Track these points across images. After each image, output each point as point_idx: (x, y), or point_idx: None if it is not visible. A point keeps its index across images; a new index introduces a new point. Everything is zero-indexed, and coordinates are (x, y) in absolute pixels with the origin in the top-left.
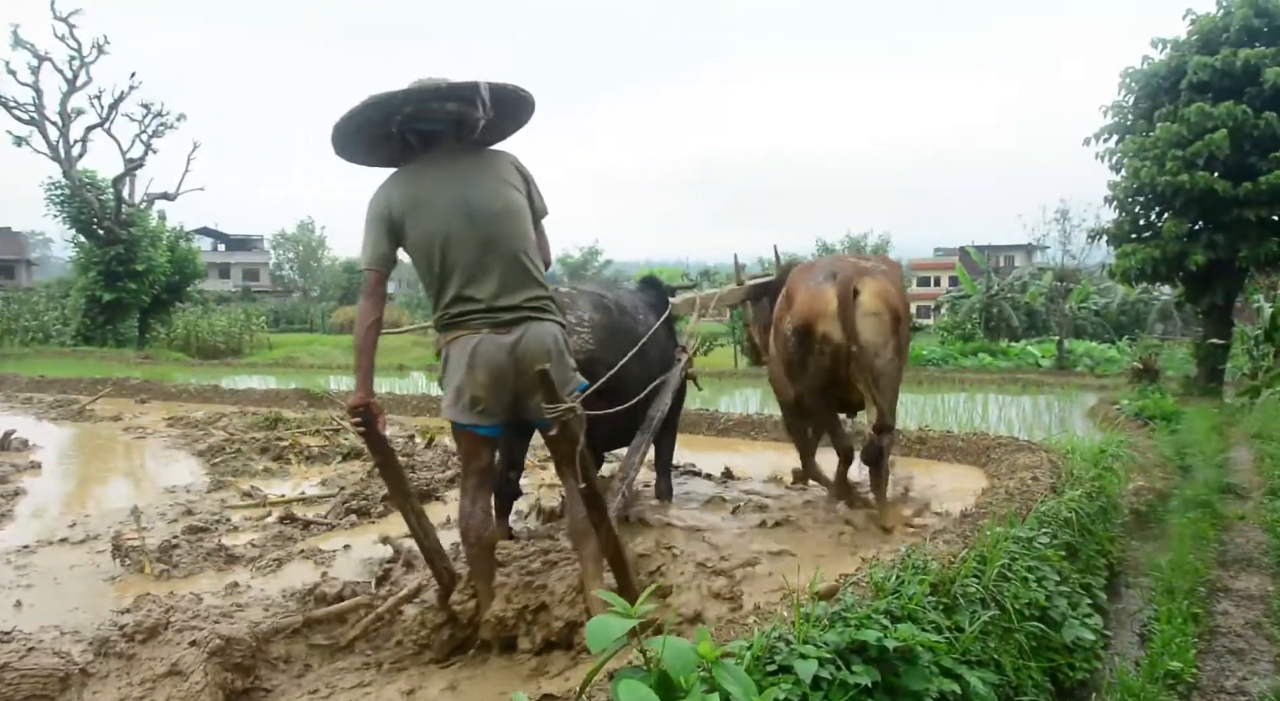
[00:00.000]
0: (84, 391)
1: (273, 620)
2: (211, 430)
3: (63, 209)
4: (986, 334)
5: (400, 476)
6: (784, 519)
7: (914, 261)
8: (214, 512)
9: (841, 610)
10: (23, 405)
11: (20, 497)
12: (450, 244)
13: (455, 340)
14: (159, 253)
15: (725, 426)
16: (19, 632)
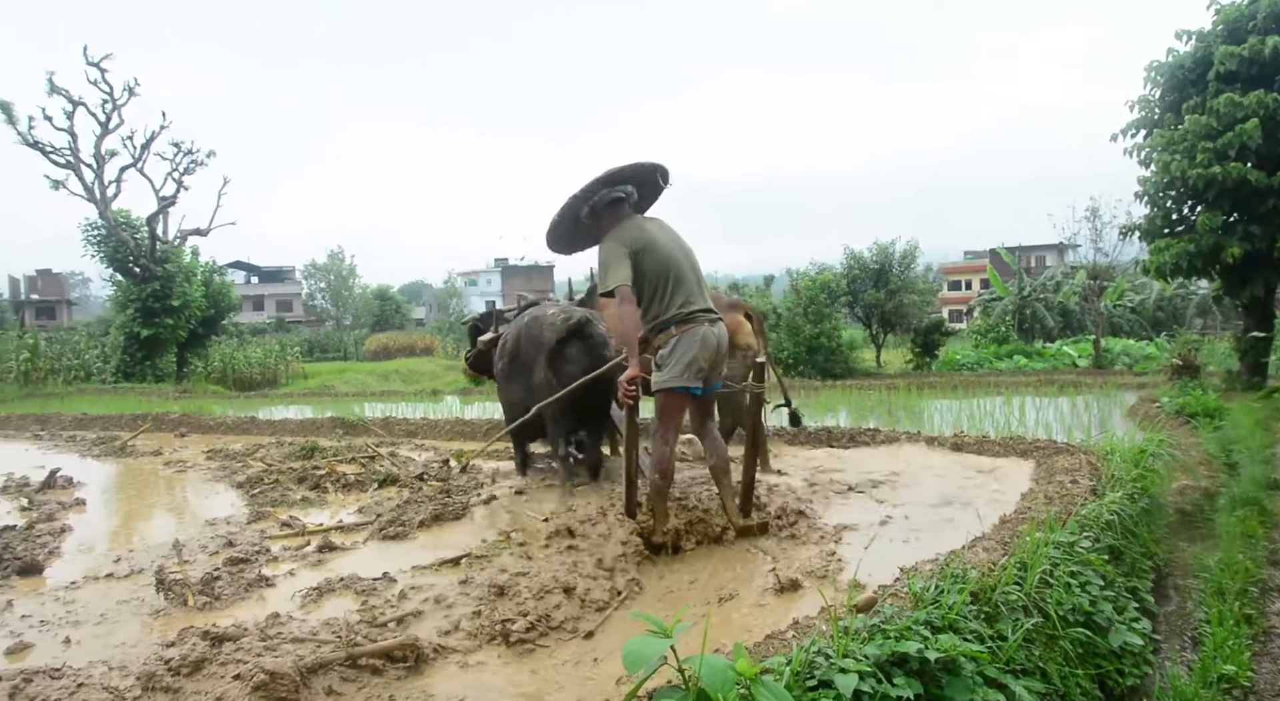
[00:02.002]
0: (125, 427)
1: (316, 654)
2: (250, 461)
3: (100, 249)
4: (1020, 335)
5: (636, 430)
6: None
7: (944, 265)
8: (254, 543)
9: (880, 622)
10: (67, 443)
11: (66, 534)
12: (677, 272)
13: (687, 330)
14: (194, 288)
15: None
16: (69, 668)
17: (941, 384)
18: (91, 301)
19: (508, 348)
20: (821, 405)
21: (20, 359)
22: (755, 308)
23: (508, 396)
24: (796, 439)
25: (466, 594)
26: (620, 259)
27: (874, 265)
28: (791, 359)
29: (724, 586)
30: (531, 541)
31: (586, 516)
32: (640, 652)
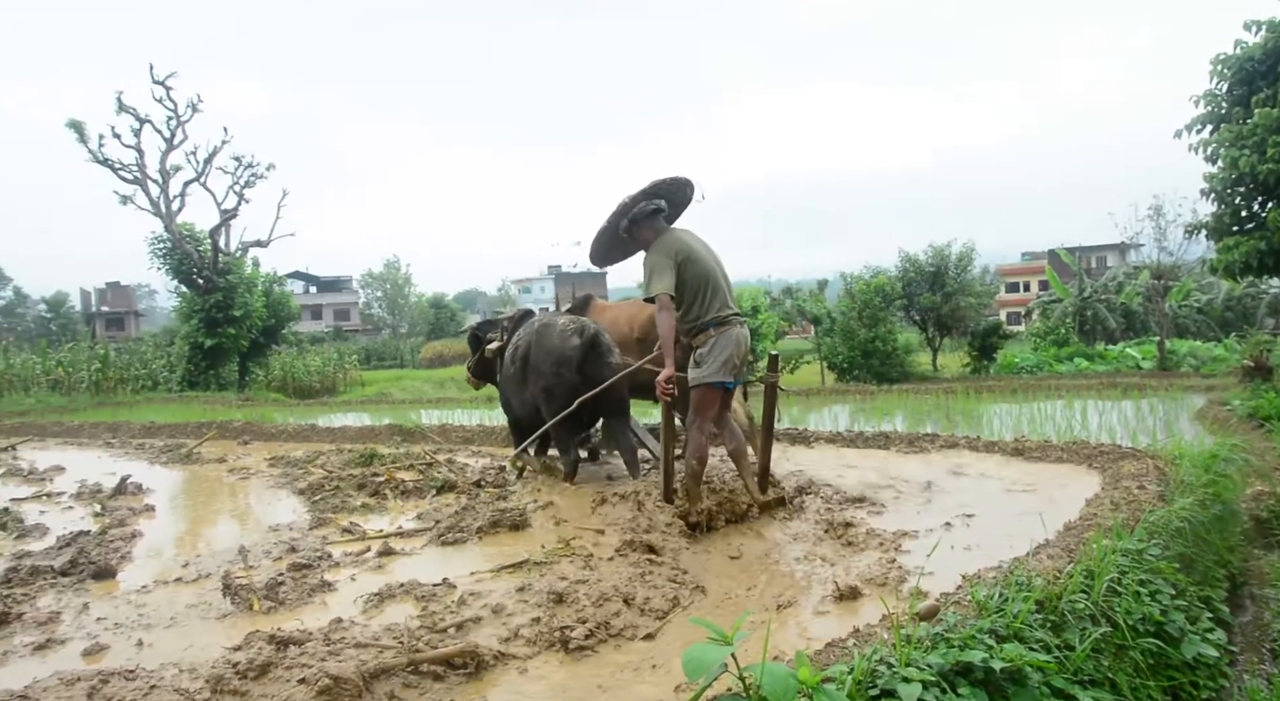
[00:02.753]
0: (191, 435)
1: (378, 659)
2: (310, 468)
3: (165, 261)
4: (1081, 337)
5: (673, 427)
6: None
7: (1002, 267)
8: (316, 549)
9: (944, 631)
10: (136, 451)
11: (137, 540)
12: (714, 280)
13: (724, 332)
14: (255, 298)
15: (817, 443)
16: (142, 670)
17: (1000, 387)
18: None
19: (519, 354)
20: (878, 410)
21: (92, 369)
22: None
23: (518, 399)
24: (853, 443)
25: (525, 600)
26: (667, 268)
27: (929, 268)
28: (846, 363)
29: (783, 593)
30: (590, 548)
31: (652, 524)
32: (701, 660)
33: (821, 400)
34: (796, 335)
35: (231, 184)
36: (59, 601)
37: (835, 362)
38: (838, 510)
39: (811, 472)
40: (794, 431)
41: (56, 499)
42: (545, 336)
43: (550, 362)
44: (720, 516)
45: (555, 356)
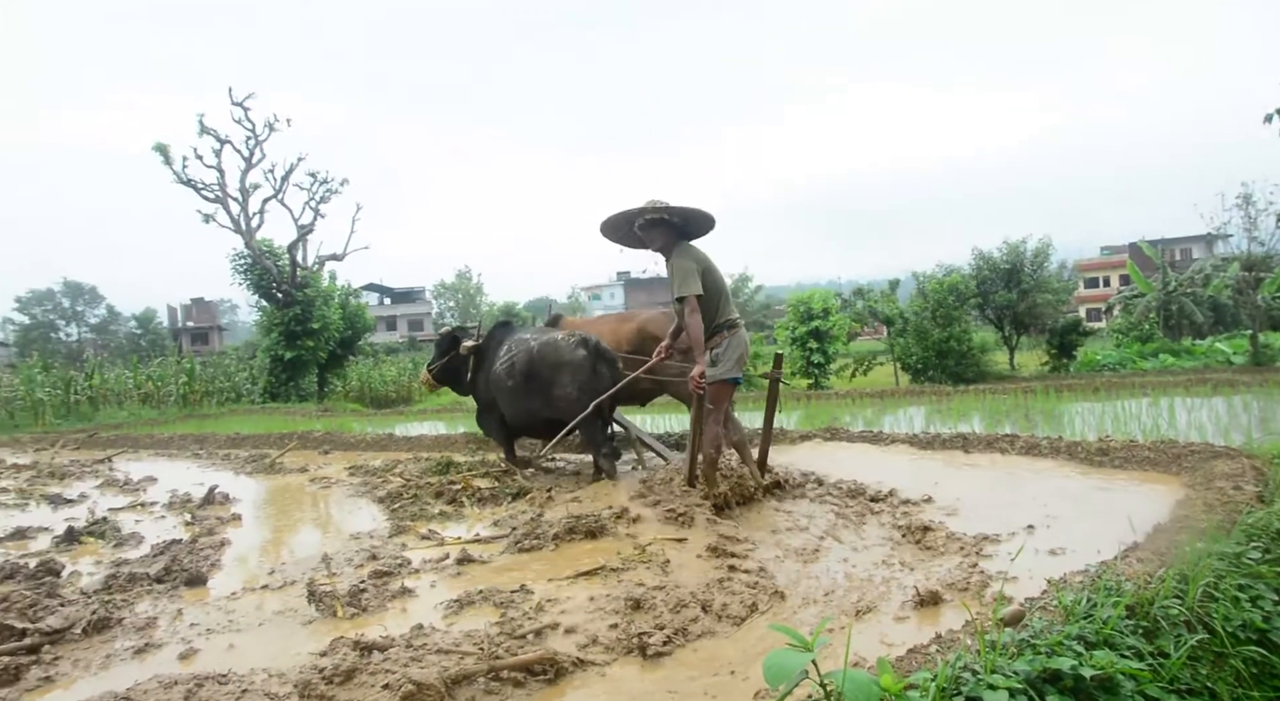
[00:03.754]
0: (273, 446)
1: (459, 665)
2: (389, 477)
3: (246, 277)
4: (1166, 333)
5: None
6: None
7: (1080, 262)
8: (396, 556)
9: (1029, 637)
10: (222, 461)
11: (225, 548)
12: (726, 289)
13: (735, 333)
14: (332, 310)
15: (892, 446)
16: (233, 674)
17: (1081, 386)
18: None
19: (519, 368)
20: (954, 411)
21: (179, 383)
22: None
23: (516, 408)
24: (930, 445)
25: (603, 607)
26: (694, 275)
27: (1004, 265)
28: (920, 364)
29: (862, 598)
30: (666, 554)
31: (730, 534)
32: (781, 666)
33: (896, 402)
34: (868, 336)
35: (308, 200)
36: (155, 607)
37: (909, 363)
38: (914, 514)
39: (886, 476)
40: (869, 433)
41: (150, 508)
42: (550, 350)
43: (565, 373)
44: (734, 496)
45: (568, 367)
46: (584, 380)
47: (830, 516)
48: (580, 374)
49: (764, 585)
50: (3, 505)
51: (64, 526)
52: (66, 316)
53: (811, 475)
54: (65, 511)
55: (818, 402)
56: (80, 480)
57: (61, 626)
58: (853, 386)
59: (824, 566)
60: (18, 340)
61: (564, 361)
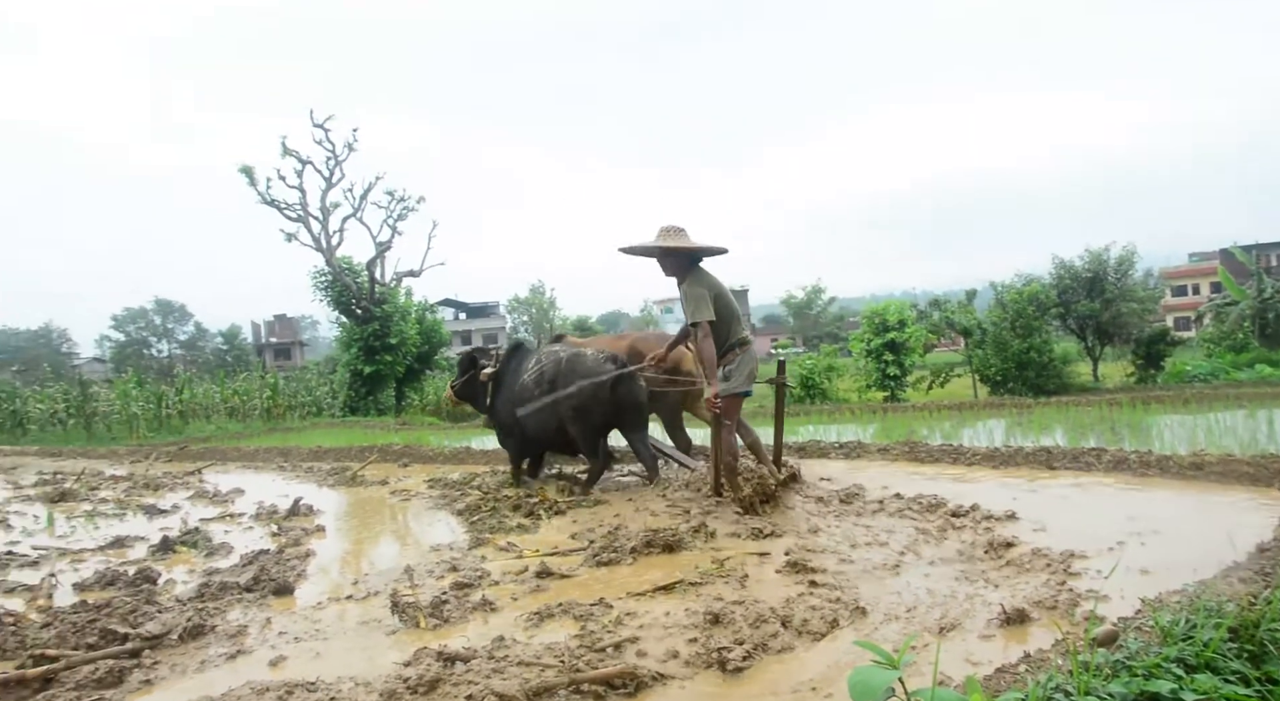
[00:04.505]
0: (354, 459)
1: (540, 678)
2: (467, 490)
3: (326, 293)
4: (1263, 341)
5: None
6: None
7: (1166, 270)
8: (476, 568)
9: (1125, 658)
10: (305, 474)
11: (311, 558)
12: (736, 311)
13: (746, 350)
14: (409, 326)
15: (972, 460)
16: (321, 682)
17: (1170, 397)
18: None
19: (548, 378)
20: (1035, 424)
21: (263, 397)
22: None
23: (541, 418)
24: (1012, 459)
25: (681, 621)
26: (706, 301)
27: (1086, 273)
28: (999, 375)
29: (945, 615)
30: (745, 569)
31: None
32: (867, 683)
33: (975, 414)
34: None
35: (385, 218)
36: (245, 615)
37: (987, 375)
38: (997, 529)
39: (967, 490)
40: (948, 447)
41: (238, 519)
42: (579, 363)
43: (590, 387)
44: (758, 496)
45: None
46: (609, 392)
47: (910, 531)
48: (602, 386)
49: (844, 600)
50: (103, 515)
51: (159, 536)
52: (158, 333)
53: (889, 489)
54: (159, 521)
55: (894, 415)
56: (173, 491)
57: (160, 632)
58: (929, 399)
59: (905, 582)
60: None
61: (592, 374)
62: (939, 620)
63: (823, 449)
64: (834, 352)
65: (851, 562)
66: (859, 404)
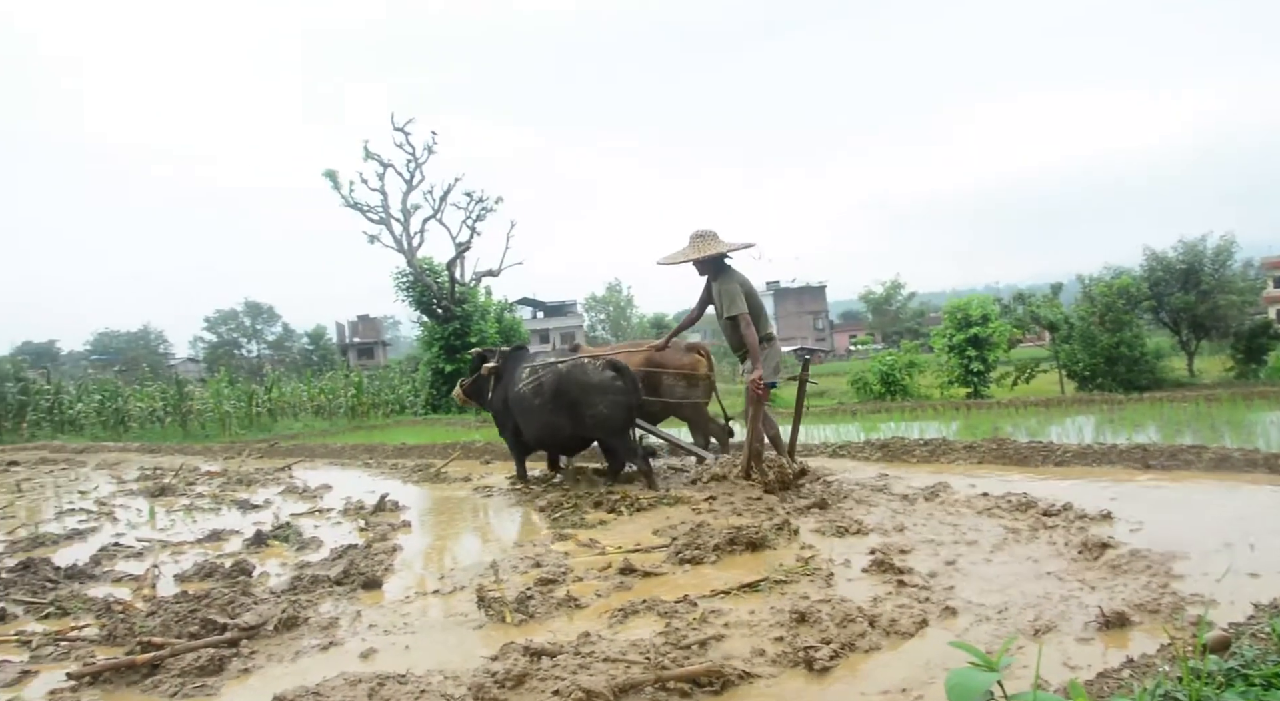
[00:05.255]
0: (437, 456)
1: (626, 674)
2: (548, 486)
3: (408, 294)
4: None
5: (765, 415)
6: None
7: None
8: (559, 564)
9: (1239, 665)
10: (390, 470)
11: (397, 553)
12: (762, 308)
13: (772, 345)
14: (488, 325)
15: (1063, 458)
16: (412, 675)
17: (1273, 393)
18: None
19: (547, 388)
20: (1127, 420)
21: (348, 395)
22: (707, 348)
23: (538, 424)
24: (1106, 457)
25: (766, 618)
26: (739, 296)
27: (1180, 265)
28: (1088, 371)
29: (1039, 617)
30: (830, 567)
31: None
32: (965, 686)
33: (1063, 411)
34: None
35: (464, 218)
36: (336, 608)
37: (1075, 371)
38: (1091, 529)
39: (1058, 488)
40: (1037, 444)
41: (327, 514)
42: (579, 373)
43: (595, 394)
44: (780, 481)
45: (597, 389)
46: (612, 399)
47: (999, 530)
48: (609, 394)
49: (933, 600)
50: (200, 509)
51: (253, 530)
52: (248, 334)
53: (976, 487)
54: (252, 516)
55: (978, 412)
56: (264, 487)
57: (256, 623)
58: (1014, 395)
59: (995, 582)
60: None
61: (593, 383)
62: (1033, 622)
63: (906, 446)
64: (915, 348)
65: (939, 562)
66: (941, 401)
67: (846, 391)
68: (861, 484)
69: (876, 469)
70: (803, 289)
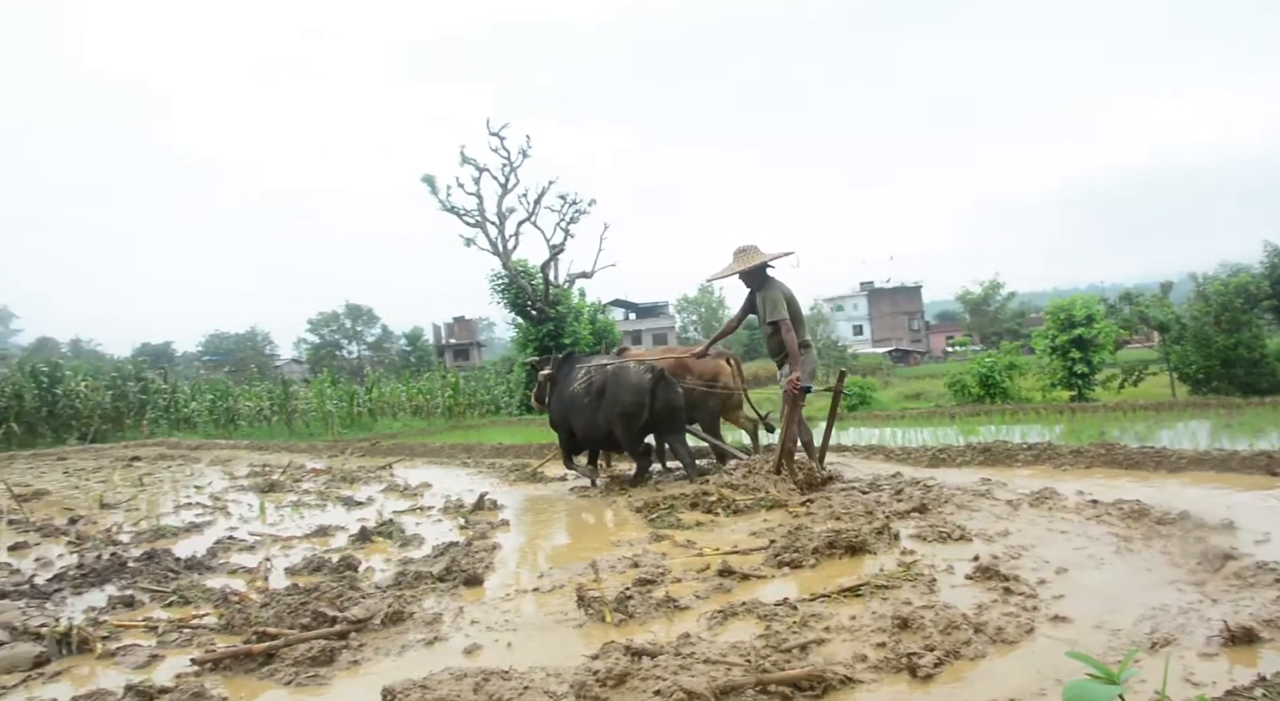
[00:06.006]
0: (533, 456)
1: (727, 676)
2: (643, 486)
3: (503, 296)
4: None
5: (799, 417)
6: None
7: None
8: (657, 565)
9: None
10: (488, 469)
11: (497, 551)
12: (800, 316)
13: (808, 351)
14: (582, 326)
15: (1178, 464)
16: (515, 671)
17: None
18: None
19: (595, 388)
20: (1247, 426)
21: (445, 395)
22: (734, 355)
23: (588, 421)
24: (1226, 464)
25: (868, 624)
26: (781, 303)
27: None
28: (1201, 373)
29: (1156, 629)
30: (933, 572)
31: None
32: (1084, 699)
33: (1174, 415)
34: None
35: (558, 221)
36: (439, 604)
37: (1188, 373)
38: (1211, 539)
39: (1172, 496)
40: (1149, 450)
41: (427, 512)
42: (623, 374)
43: (631, 393)
44: (806, 483)
45: (635, 389)
46: (646, 400)
47: (1110, 538)
48: (644, 394)
49: (1042, 609)
50: (306, 505)
51: (357, 526)
52: (348, 336)
53: (1085, 493)
54: (357, 512)
55: (1083, 416)
56: (366, 484)
57: (364, 616)
58: (1121, 398)
59: (1108, 592)
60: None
61: (632, 384)
62: (1149, 635)
63: (1009, 450)
64: (1015, 350)
65: (1048, 569)
66: (1043, 403)
67: (944, 394)
68: (962, 488)
69: (977, 473)
70: (897, 289)
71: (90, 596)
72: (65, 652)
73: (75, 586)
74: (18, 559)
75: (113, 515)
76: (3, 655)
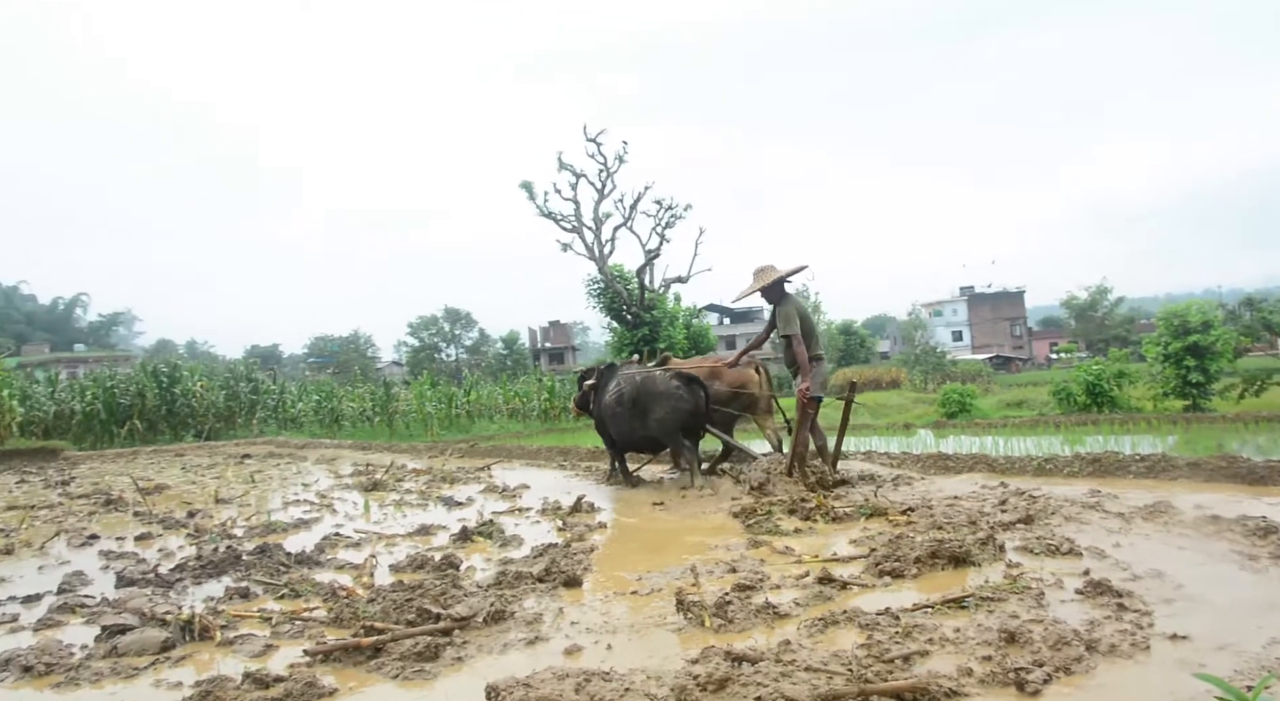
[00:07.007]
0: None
1: (829, 685)
2: (740, 493)
3: (599, 300)
4: None
5: (815, 425)
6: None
7: None
8: (755, 571)
9: None
10: (585, 472)
11: (594, 553)
12: (815, 330)
13: (822, 363)
14: (677, 330)
15: None
16: (615, 672)
17: None
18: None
19: (626, 397)
20: None
21: (540, 399)
22: (764, 364)
23: (617, 429)
24: None
25: (973, 636)
26: (794, 319)
27: None
28: None
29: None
30: (1042, 586)
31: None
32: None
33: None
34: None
35: (654, 226)
36: (539, 604)
37: None
38: None
39: None
40: (1276, 463)
41: (525, 513)
42: (651, 383)
43: (661, 401)
44: (818, 484)
45: (664, 397)
46: (674, 406)
47: (1233, 555)
48: (671, 401)
49: (1158, 627)
50: (408, 504)
51: (458, 525)
52: (447, 339)
53: (1203, 509)
54: (457, 512)
55: (1198, 427)
56: (466, 485)
57: (467, 614)
58: (1242, 409)
59: (1230, 612)
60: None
61: (660, 392)
62: (1279, 658)
63: (1120, 461)
64: (1124, 357)
65: (1165, 586)
66: (1154, 413)
67: (1048, 402)
68: (1070, 500)
69: (1085, 485)
70: (999, 294)
71: (209, 586)
72: (188, 639)
73: (195, 577)
74: (143, 549)
75: (226, 510)
76: (133, 639)
